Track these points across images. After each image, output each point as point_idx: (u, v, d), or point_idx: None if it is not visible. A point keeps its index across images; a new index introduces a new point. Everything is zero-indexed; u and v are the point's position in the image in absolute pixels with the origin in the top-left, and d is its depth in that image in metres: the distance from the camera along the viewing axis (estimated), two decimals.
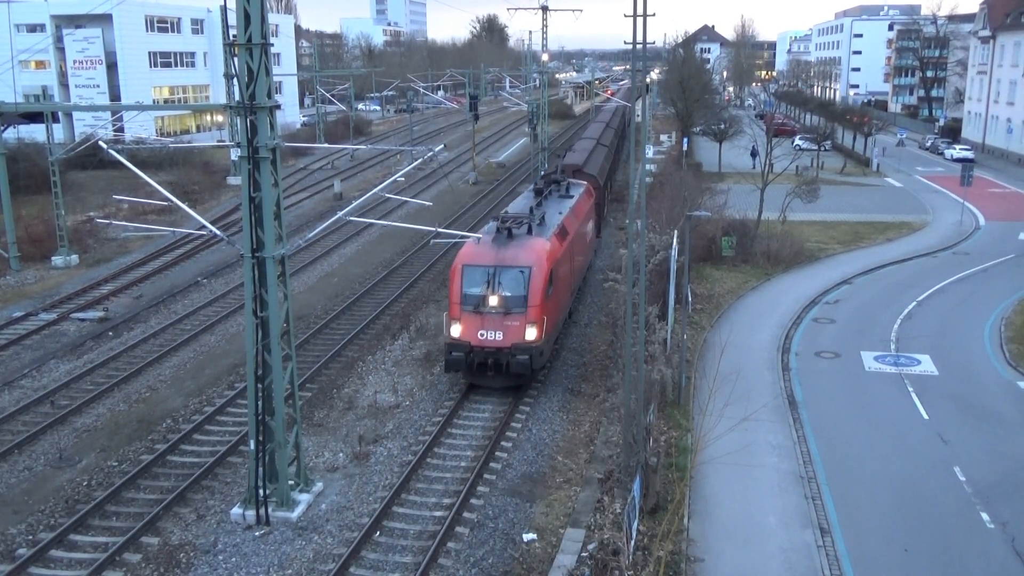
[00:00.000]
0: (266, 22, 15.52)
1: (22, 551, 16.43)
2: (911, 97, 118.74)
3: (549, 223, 25.88)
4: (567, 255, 25.63)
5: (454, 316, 22.57)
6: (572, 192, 31.68)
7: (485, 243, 23.61)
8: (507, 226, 24.11)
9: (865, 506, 17.43)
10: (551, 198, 30.21)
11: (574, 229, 27.61)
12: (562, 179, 32.96)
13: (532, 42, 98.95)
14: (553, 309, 23.51)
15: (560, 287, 24.39)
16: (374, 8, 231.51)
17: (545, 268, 22.62)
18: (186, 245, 41.03)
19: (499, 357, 22.14)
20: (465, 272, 22.74)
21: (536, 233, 24.32)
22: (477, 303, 22.39)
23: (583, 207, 31.17)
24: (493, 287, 22.35)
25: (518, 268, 22.49)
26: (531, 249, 23.10)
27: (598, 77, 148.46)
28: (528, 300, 22.20)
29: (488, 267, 22.59)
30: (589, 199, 33.38)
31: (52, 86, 66.71)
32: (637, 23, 17.40)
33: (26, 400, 23.21)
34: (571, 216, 28.20)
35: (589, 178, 36.33)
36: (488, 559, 16.02)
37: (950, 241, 41.91)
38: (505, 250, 22.97)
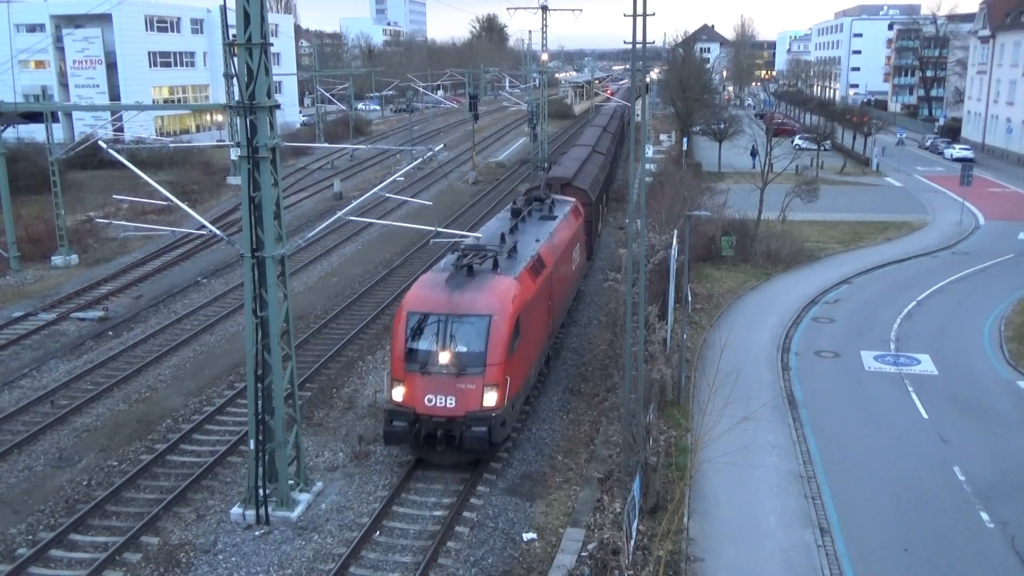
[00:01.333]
0: (266, 22, 15.51)
1: (22, 551, 16.44)
2: (911, 97, 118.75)
3: (521, 254, 22.17)
4: (542, 294, 22.00)
5: (396, 376, 18.67)
6: (556, 212, 28.19)
7: (438, 283, 19.66)
8: (467, 261, 20.27)
9: (865, 506, 17.44)
10: (530, 221, 26.70)
11: (554, 259, 23.95)
12: (545, 196, 29.55)
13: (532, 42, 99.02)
14: (520, 365, 19.66)
15: (531, 336, 20.63)
16: (374, 8, 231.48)
17: (510, 315, 18.84)
18: (186, 245, 41.02)
19: (451, 428, 18.17)
20: (410, 321, 18.85)
21: (503, 269, 20.49)
22: (424, 361, 18.43)
23: (568, 229, 27.57)
24: (444, 340, 18.43)
25: (476, 316, 18.59)
26: (493, 291, 19.20)
27: (598, 77, 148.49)
28: (487, 357, 18.31)
29: (439, 315, 18.74)
30: (577, 219, 29.65)
31: (52, 86, 66.74)
32: (637, 23, 17.41)
33: (26, 400, 23.21)
34: (551, 243, 24.60)
35: (579, 193, 33.54)
36: (488, 559, 16.03)
37: (950, 241, 41.92)
38: (461, 293, 19.08)
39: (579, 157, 41.95)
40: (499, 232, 24.23)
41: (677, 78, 71.71)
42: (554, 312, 24.04)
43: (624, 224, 35.76)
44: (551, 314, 23.57)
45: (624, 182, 51.62)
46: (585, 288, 32.96)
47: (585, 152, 44.48)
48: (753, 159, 60.09)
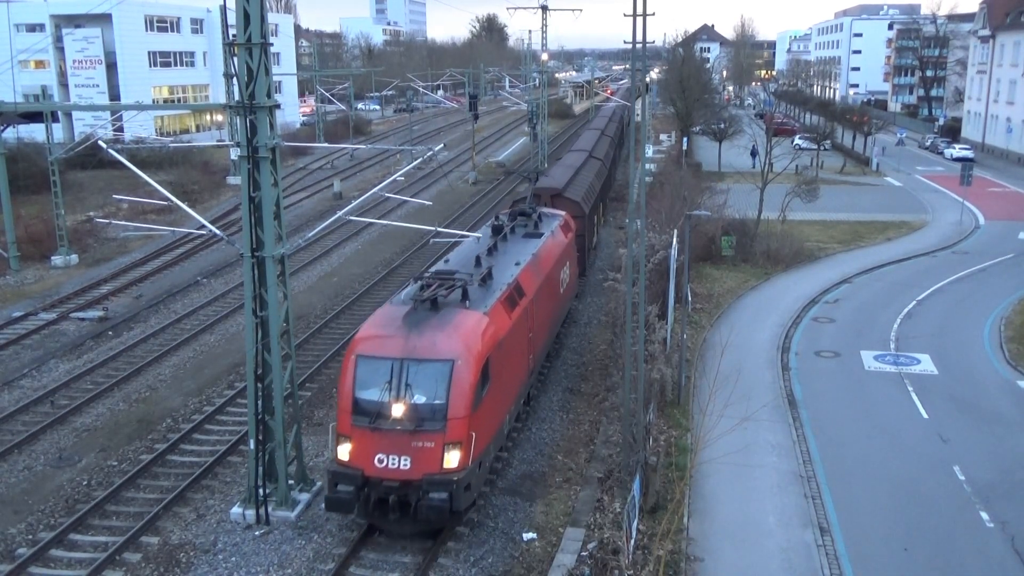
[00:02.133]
0: (266, 22, 15.52)
1: (22, 551, 16.44)
2: (911, 96, 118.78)
3: (497, 281, 19.47)
4: (520, 327, 19.36)
5: (342, 431, 15.87)
6: (543, 228, 25.67)
7: (393, 320, 16.78)
8: (430, 293, 17.29)
9: (865, 505, 17.44)
10: (512, 239, 24.13)
11: (537, 284, 21.44)
12: (531, 211, 26.65)
13: (532, 41, 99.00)
14: (489, 417, 16.86)
15: (504, 380, 17.81)
16: (373, 7, 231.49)
17: (477, 360, 16.06)
18: (186, 245, 41.02)
19: (405, 493, 15.46)
20: (360, 366, 15.99)
21: (473, 301, 17.67)
22: (375, 414, 15.59)
23: (556, 248, 25.06)
24: (398, 390, 15.57)
25: (436, 362, 15.75)
26: (458, 331, 16.34)
27: (598, 76, 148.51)
28: (449, 410, 15.54)
29: (392, 359, 15.78)
30: (567, 235, 27.11)
31: (51, 86, 66.69)
32: (637, 23, 17.42)
33: (26, 400, 23.21)
34: (534, 265, 22.00)
35: (570, 205, 31.05)
36: (488, 558, 16.03)
37: (950, 240, 41.92)
38: (420, 333, 16.16)
39: (573, 164, 39.39)
40: (475, 254, 21.38)
41: (677, 78, 71.72)
42: (535, 345, 21.21)
43: (624, 224, 35.71)
44: (531, 348, 20.67)
45: (624, 183, 51.59)
46: (585, 288, 32.95)
47: (580, 159, 41.90)
48: (753, 159, 60.09)
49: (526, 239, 24.28)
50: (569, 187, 33.19)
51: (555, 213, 28.11)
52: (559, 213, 28.26)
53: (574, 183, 34.59)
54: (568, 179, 34.43)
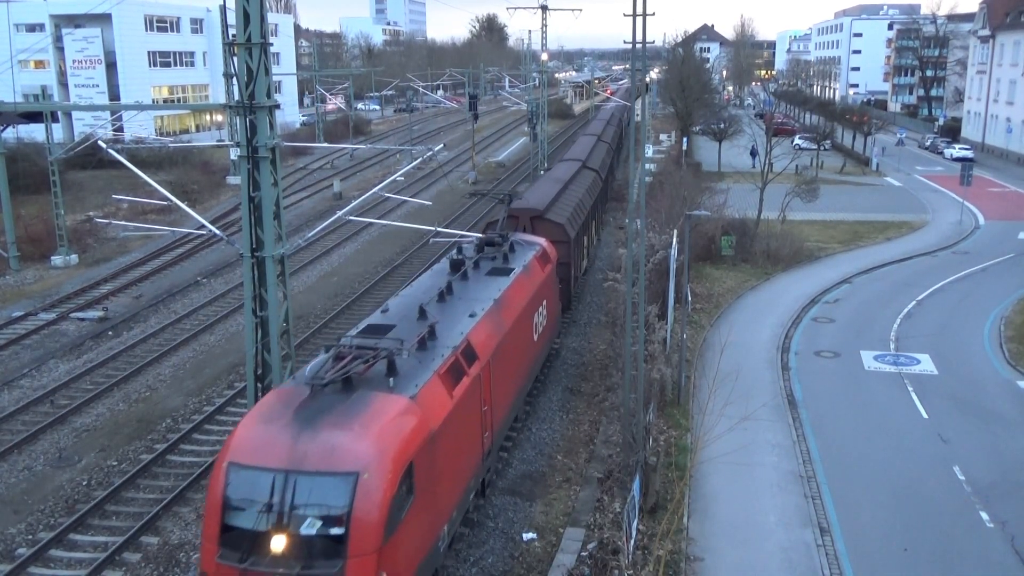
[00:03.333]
0: (265, 21, 15.51)
1: (22, 551, 16.44)
2: (911, 96, 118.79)
3: (441, 344, 15.27)
4: (468, 405, 15.13)
5: (205, 567, 11.72)
6: (513, 262, 21.34)
7: (283, 412, 12.38)
8: (341, 369, 12.93)
9: (864, 505, 17.44)
10: (474, 278, 19.85)
11: (497, 340, 17.38)
12: (501, 240, 22.52)
13: (531, 41, 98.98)
14: (412, 542, 12.55)
15: (439, 486, 13.58)
16: (373, 7, 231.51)
17: (394, 469, 11.83)
18: (185, 245, 41.02)
19: None
20: (231, 479, 11.69)
21: (402, 378, 13.38)
22: (248, 548, 11.37)
23: (529, 286, 20.86)
24: (280, 515, 11.31)
25: (333, 476, 11.49)
26: (370, 428, 12.08)
27: (597, 76, 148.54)
28: (351, 544, 11.30)
29: (274, 471, 11.49)
30: (544, 268, 22.78)
31: (51, 86, 66.81)
32: (637, 23, 17.42)
33: (26, 400, 23.20)
34: (495, 316, 17.92)
35: (553, 228, 27.21)
36: (488, 558, 16.02)
37: (949, 240, 41.93)
38: (316, 432, 11.87)
39: (561, 178, 35.21)
40: (423, 301, 17.19)
41: (677, 78, 71.75)
42: (494, 418, 17.18)
43: (624, 224, 35.66)
44: (487, 425, 16.59)
45: (623, 184, 51.56)
46: (585, 288, 32.92)
47: (570, 170, 37.66)
48: (753, 159, 60.10)
49: (491, 277, 20.00)
50: (553, 207, 29.20)
51: (531, 241, 23.92)
52: (536, 241, 24.04)
53: (559, 202, 30.55)
54: (552, 197, 30.23)
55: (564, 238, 27.26)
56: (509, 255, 21.80)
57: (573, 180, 35.54)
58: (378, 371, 13.38)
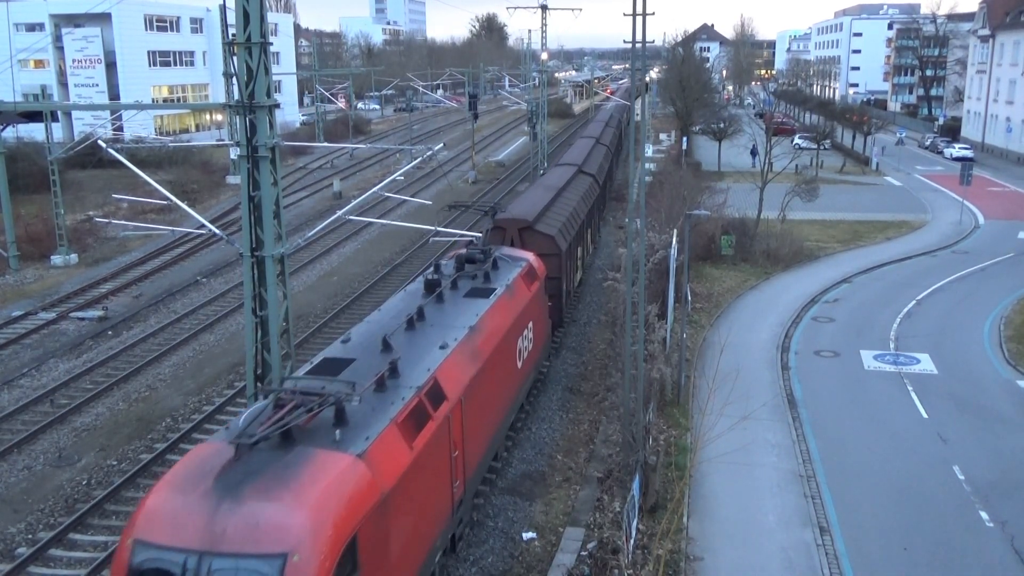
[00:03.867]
0: (265, 21, 15.50)
1: (21, 550, 16.44)
2: (910, 96, 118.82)
3: (403, 383, 13.23)
4: (432, 454, 13.07)
5: None
6: (495, 281, 19.60)
7: (202, 476, 10.33)
8: (275, 420, 10.94)
9: (864, 505, 17.44)
10: (450, 301, 18.00)
11: (471, 374, 15.37)
12: (483, 256, 20.75)
13: (531, 41, 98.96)
14: None
15: (397, 551, 11.71)
16: (373, 7, 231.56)
17: (331, 548, 9.84)
18: (185, 244, 41.02)
19: None
20: (136, 559, 9.69)
21: (350, 429, 11.39)
22: None
23: (513, 307, 19.08)
24: None
25: (255, 558, 9.53)
26: (304, 496, 10.08)
27: (597, 76, 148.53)
28: None
29: (185, 552, 9.58)
30: (531, 286, 20.97)
31: (51, 85, 66.69)
32: (636, 22, 17.42)
33: (25, 399, 23.20)
34: (470, 346, 15.97)
35: (542, 241, 25.45)
36: (488, 558, 16.02)
37: (949, 240, 41.94)
38: (238, 502, 9.92)
39: (554, 185, 33.05)
40: (390, 329, 15.29)
41: (677, 77, 71.76)
42: (467, 464, 15.06)
43: (624, 223, 35.61)
44: (458, 473, 14.43)
45: (623, 183, 51.52)
46: (584, 288, 32.91)
47: (566, 176, 35.73)
48: (753, 158, 60.12)
49: (469, 300, 18.16)
50: (543, 217, 27.29)
51: (517, 256, 22.02)
52: (522, 257, 22.15)
53: (550, 211, 28.68)
54: (543, 206, 28.31)
55: (555, 251, 25.58)
56: (491, 273, 20.08)
57: (567, 187, 33.57)
58: (326, 420, 11.48)
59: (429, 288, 18.28)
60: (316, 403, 11.49)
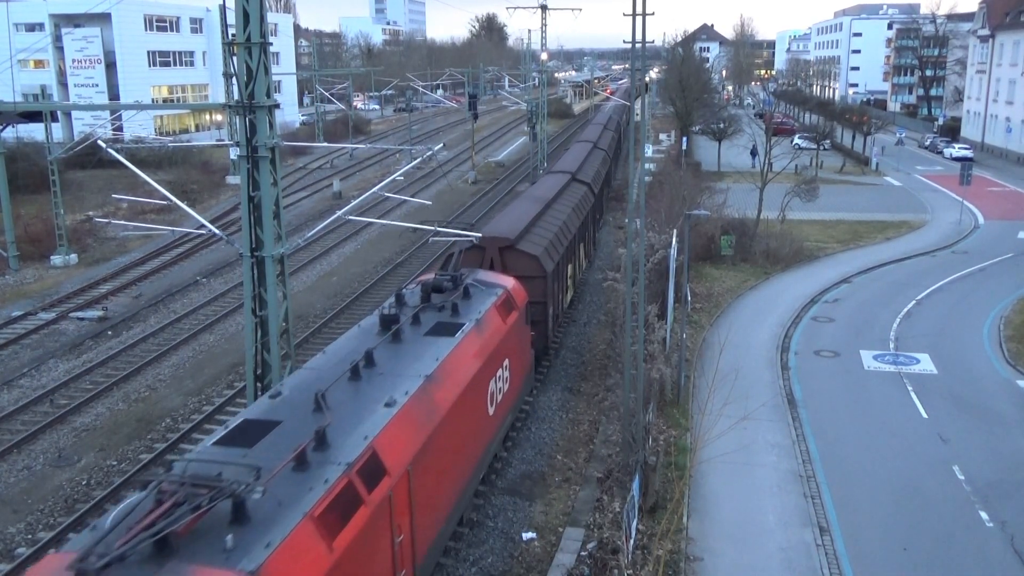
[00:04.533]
0: (265, 21, 15.51)
1: (21, 550, 16.44)
2: (910, 96, 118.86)
3: (330, 459, 10.61)
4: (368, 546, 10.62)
5: None
6: (466, 314, 16.85)
7: None
8: (143, 528, 8.40)
9: (864, 505, 17.44)
10: (410, 339, 15.23)
11: (428, 433, 12.79)
12: (453, 284, 18.08)
13: (531, 41, 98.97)
14: None
15: None
16: (373, 7, 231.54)
17: None
18: (185, 244, 41.01)
19: None
20: None
21: (249, 531, 8.87)
22: None
23: (485, 345, 16.40)
24: None
25: None
26: None
27: (597, 76, 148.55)
28: None
29: None
30: (507, 317, 18.30)
31: (51, 85, 66.69)
32: (636, 22, 17.43)
33: (25, 399, 23.19)
34: (426, 399, 13.21)
35: (526, 262, 23.12)
36: (487, 558, 16.02)
37: (949, 240, 41.94)
38: None
39: (543, 196, 30.31)
40: (330, 380, 12.68)
41: (677, 77, 71.72)
42: (416, 545, 12.40)
43: (623, 223, 35.58)
44: (403, 561, 11.78)
45: (623, 183, 51.52)
46: (584, 288, 32.90)
47: (557, 185, 33.01)
48: (753, 158, 60.12)
49: (431, 339, 15.39)
50: (527, 235, 24.79)
51: (492, 283, 19.40)
52: (498, 284, 19.50)
53: (536, 227, 26.09)
54: (528, 222, 25.63)
55: (539, 272, 23.26)
56: (461, 305, 17.25)
57: (558, 197, 31.15)
58: (222, 516, 8.88)
59: (385, 325, 15.51)
60: (205, 498, 8.81)
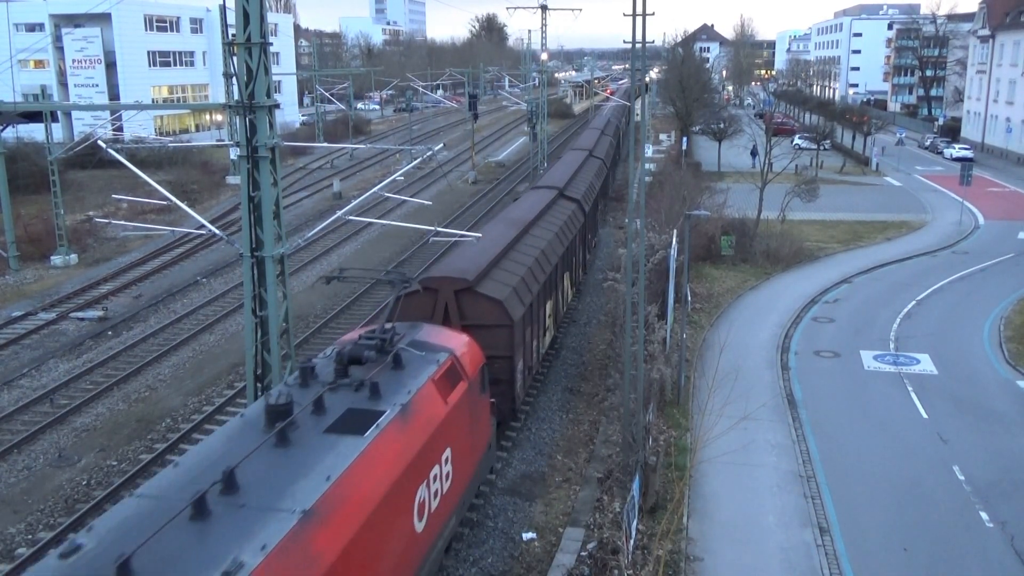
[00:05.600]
0: (265, 21, 15.51)
1: (21, 550, 16.44)
2: (910, 96, 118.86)
3: None
4: None
5: None
6: (389, 395, 12.47)
7: None
8: None
9: (864, 505, 17.44)
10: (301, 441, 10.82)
11: None
12: (377, 351, 13.45)
13: (531, 41, 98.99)
14: None
15: None
16: (373, 7, 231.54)
17: None
18: (185, 244, 41.01)
19: None
20: None
21: None
22: None
23: (413, 439, 12.16)
24: None
25: None
26: None
27: (597, 76, 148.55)
28: None
29: None
30: (451, 392, 14.13)
31: (51, 85, 66.72)
32: (636, 22, 17.43)
33: (25, 399, 23.19)
34: (296, 554, 8.86)
35: (487, 308, 18.94)
36: (488, 558, 16.01)
37: (949, 240, 41.94)
38: None
39: (519, 219, 25.62)
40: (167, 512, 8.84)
41: (677, 78, 71.76)
42: None
43: (624, 223, 35.56)
44: None
45: (623, 183, 51.49)
46: (584, 288, 32.89)
47: (539, 204, 28.26)
48: (753, 159, 60.13)
49: (333, 437, 11.07)
50: (490, 273, 20.14)
51: (435, 345, 14.88)
52: (442, 346, 14.99)
53: (505, 262, 21.44)
54: (494, 256, 20.92)
55: (503, 320, 18.81)
56: (385, 381, 12.65)
57: (538, 221, 26.39)
58: None
59: (273, 418, 11.05)
60: None
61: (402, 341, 14.44)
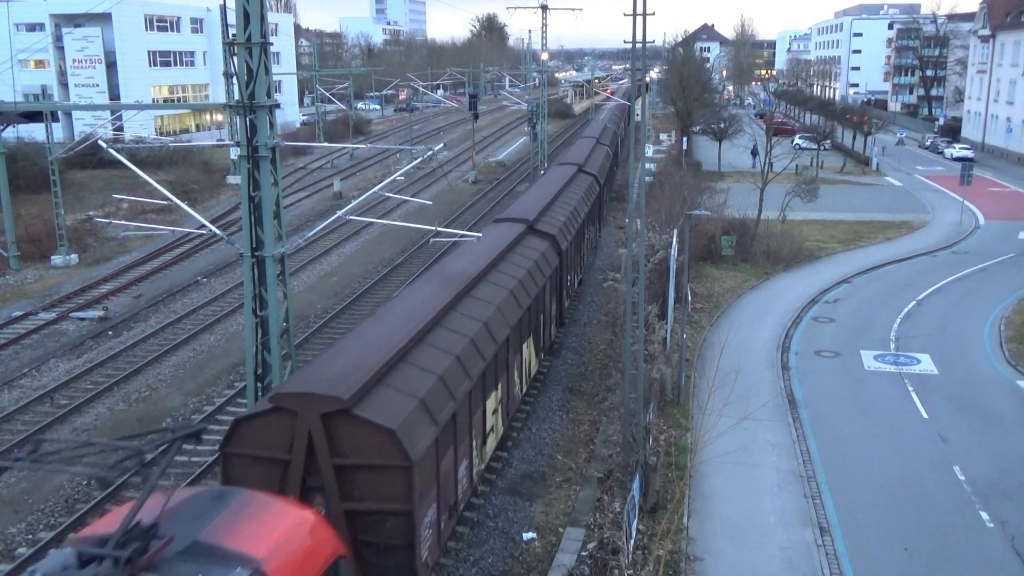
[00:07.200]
0: (265, 21, 15.50)
1: (22, 551, 16.44)
2: (911, 96, 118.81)
3: None
4: None
5: None
6: None
7: None
8: None
9: (864, 505, 17.44)
10: None
11: None
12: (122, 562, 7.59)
13: (532, 41, 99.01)
14: None
15: None
16: (373, 7, 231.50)
17: None
18: (185, 244, 41.01)
19: None
20: None
21: None
22: None
23: None
24: None
25: None
26: None
27: (597, 76, 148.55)
28: None
29: None
30: None
31: (51, 85, 66.63)
32: (637, 22, 17.43)
33: (26, 399, 23.19)
34: None
35: (370, 440, 12.34)
36: (488, 558, 16.01)
37: (950, 240, 41.94)
38: None
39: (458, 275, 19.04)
40: None
41: (677, 77, 71.78)
42: None
43: (624, 223, 35.56)
44: None
45: (623, 183, 51.51)
46: (584, 288, 32.86)
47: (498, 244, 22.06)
48: (753, 158, 60.13)
49: None
50: (384, 380, 13.53)
51: (229, 554, 8.47)
52: (243, 555, 8.48)
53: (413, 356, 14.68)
54: (396, 350, 14.23)
55: (396, 460, 12.31)
56: None
57: (488, 274, 19.92)
58: None
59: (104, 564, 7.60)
60: None
61: (170, 546, 8.24)
